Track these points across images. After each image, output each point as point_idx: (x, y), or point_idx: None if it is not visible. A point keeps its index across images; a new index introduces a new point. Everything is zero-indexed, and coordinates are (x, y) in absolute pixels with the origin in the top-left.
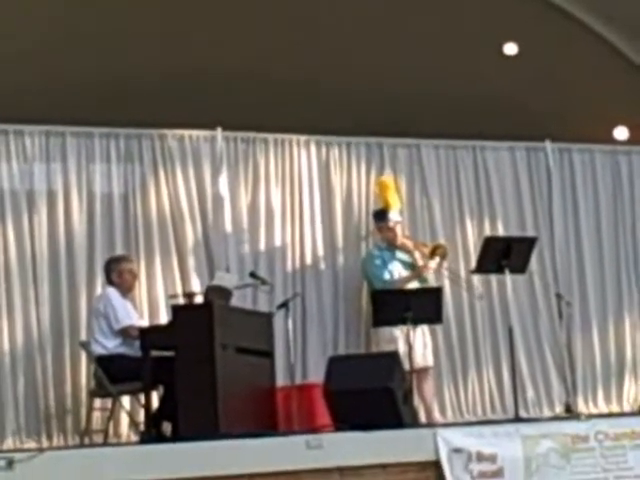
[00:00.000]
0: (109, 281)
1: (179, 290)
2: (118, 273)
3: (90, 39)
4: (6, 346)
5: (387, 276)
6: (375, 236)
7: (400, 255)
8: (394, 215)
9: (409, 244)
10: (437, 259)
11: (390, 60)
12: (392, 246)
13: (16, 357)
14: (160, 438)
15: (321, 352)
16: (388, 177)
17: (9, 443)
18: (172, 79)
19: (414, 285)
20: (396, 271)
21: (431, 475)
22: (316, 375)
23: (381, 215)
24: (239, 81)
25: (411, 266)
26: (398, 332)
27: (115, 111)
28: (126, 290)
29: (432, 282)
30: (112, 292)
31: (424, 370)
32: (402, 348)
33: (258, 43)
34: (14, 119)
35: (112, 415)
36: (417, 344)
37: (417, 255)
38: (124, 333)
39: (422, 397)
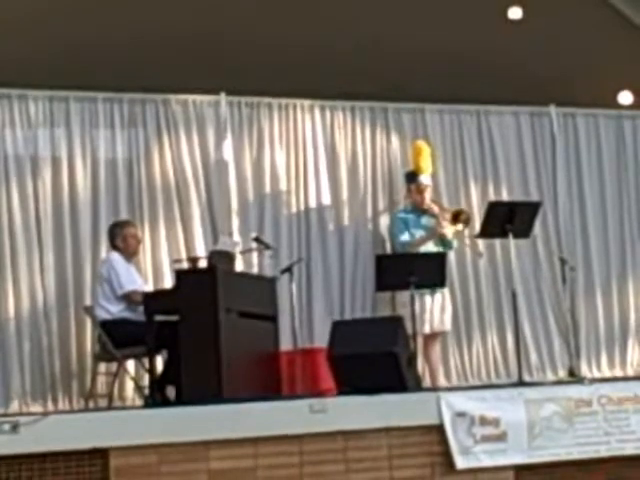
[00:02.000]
0: (113, 246)
1: (183, 255)
2: (122, 238)
3: (94, 4)
4: (11, 311)
5: (407, 238)
6: (406, 201)
7: (425, 221)
8: (425, 178)
9: (435, 209)
10: (460, 226)
11: (394, 24)
12: (419, 209)
13: (21, 322)
14: (164, 402)
15: (327, 316)
16: (423, 142)
17: (15, 407)
18: (176, 44)
19: (435, 249)
20: (417, 235)
21: (434, 439)
22: (322, 339)
23: (411, 177)
24: (243, 46)
25: (432, 230)
26: (415, 295)
27: (119, 76)
28: (130, 255)
29: (456, 247)
30: (115, 257)
31: (434, 335)
32: (417, 310)
33: (262, 7)
34: (18, 84)
35: (116, 379)
36: (435, 308)
37: (443, 221)
38: (127, 298)
39: (428, 361)
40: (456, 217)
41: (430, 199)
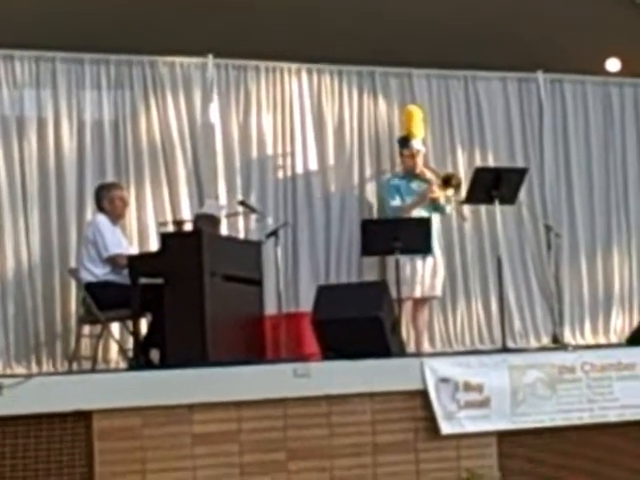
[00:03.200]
0: (99, 208)
1: (169, 217)
2: (109, 200)
3: None
4: None
5: (398, 203)
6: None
7: (415, 186)
8: (416, 143)
9: (428, 173)
10: (451, 190)
11: None
12: (411, 175)
13: (6, 283)
14: (148, 365)
15: (313, 280)
16: (415, 106)
17: None
18: (163, 5)
19: (427, 215)
20: (408, 200)
21: (418, 404)
22: (308, 304)
23: (403, 142)
24: (231, 8)
25: (422, 194)
26: (405, 259)
27: (106, 37)
28: (116, 217)
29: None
30: (102, 219)
31: (424, 300)
32: (408, 274)
33: None
34: (4, 44)
35: (100, 341)
36: (426, 272)
37: (434, 186)
38: (112, 261)
39: (415, 326)
40: (447, 182)
41: (423, 164)
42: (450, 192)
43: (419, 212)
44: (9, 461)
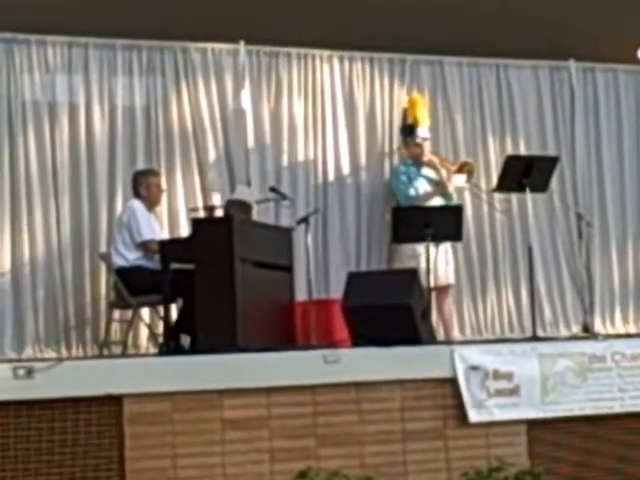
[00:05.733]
0: (136, 193)
1: (200, 203)
2: (147, 186)
3: None
4: (26, 257)
5: (412, 192)
6: (401, 151)
7: (426, 172)
8: (422, 131)
9: (436, 161)
10: (464, 176)
11: None
12: (418, 162)
13: (36, 268)
14: (178, 350)
15: (343, 267)
16: (418, 95)
17: (29, 352)
18: None
19: (438, 202)
20: (421, 187)
21: (447, 392)
22: (338, 290)
23: (409, 130)
24: None
25: (437, 183)
26: (421, 248)
27: (138, 23)
28: (152, 204)
29: (456, 200)
30: (138, 205)
31: (444, 288)
32: (424, 265)
33: None
34: (36, 29)
35: (131, 326)
36: (439, 262)
37: (443, 172)
38: (144, 247)
39: (441, 315)
40: (460, 169)
41: (429, 151)
42: (462, 178)
43: (431, 200)
44: (41, 444)
